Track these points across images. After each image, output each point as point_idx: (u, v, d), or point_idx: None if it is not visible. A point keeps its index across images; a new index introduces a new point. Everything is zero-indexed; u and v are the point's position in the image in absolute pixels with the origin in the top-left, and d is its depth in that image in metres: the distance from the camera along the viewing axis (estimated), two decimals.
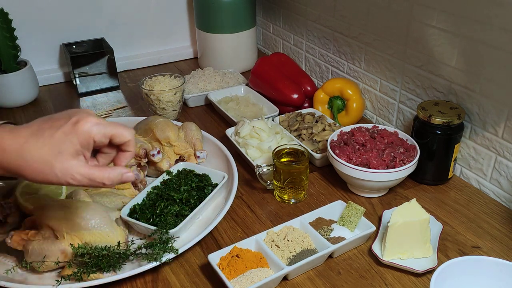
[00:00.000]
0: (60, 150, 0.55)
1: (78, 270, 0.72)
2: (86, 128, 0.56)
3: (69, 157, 0.56)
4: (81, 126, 0.56)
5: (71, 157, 0.56)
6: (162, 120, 1.03)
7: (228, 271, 0.73)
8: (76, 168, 0.56)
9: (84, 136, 0.56)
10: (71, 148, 0.56)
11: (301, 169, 0.89)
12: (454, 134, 0.91)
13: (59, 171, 0.55)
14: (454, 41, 0.91)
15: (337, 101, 1.16)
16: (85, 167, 0.56)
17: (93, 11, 1.46)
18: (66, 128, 0.56)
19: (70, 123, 0.56)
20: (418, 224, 0.75)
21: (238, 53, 1.47)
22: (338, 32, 1.23)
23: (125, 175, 0.59)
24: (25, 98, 1.32)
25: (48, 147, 0.55)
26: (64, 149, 0.55)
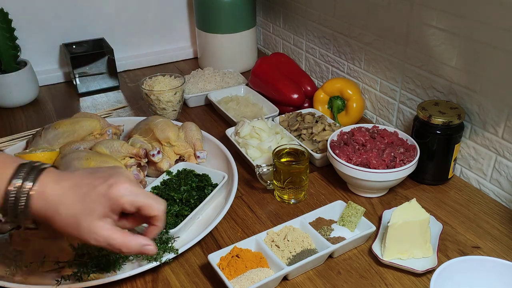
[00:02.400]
0: (90, 211, 0.57)
1: (78, 270, 0.72)
2: (117, 194, 0.58)
3: (96, 218, 0.57)
4: (114, 191, 0.58)
5: (98, 219, 0.58)
6: (162, 120, 1.03)
7: (228, 271, 0.73)
8: (100, 230, 0.58)
9: (114, 201, 0.58)
10: (101, 210, 0.58)
11: (301, 169, 0.89)
12: (454, 134, 0.91)
13: (85, 231, 0.57)
14: (454, 41, 0.91)
15: (337, 101, 1.16)
16: (108, 231, 0.58)
17: (93, 11, 1.46)
18: (101, 189, 0.58)
19: (106, 184, 0.58)
20: (418, 224, 0.75)
21: (238, 53, 1.47)
22: (338, 32, 1.23)
23: (145, 247, 0.60)
24: (25, 98, 1.32)
25: (81, 205, 0.57)
26: (94, 210, 0.57)
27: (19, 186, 0.56)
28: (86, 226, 0.57)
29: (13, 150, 1.04)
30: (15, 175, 0.56)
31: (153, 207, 0.60)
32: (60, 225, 0.57)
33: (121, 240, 0.58)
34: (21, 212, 0.56)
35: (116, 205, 0.58)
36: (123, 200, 0.58)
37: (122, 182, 0.59)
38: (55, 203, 0.57)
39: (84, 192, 0.57)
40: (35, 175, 0.57)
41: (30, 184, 0.56)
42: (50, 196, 0.57)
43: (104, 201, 0.57)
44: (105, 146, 0.94)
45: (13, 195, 0.56)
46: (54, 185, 0.57)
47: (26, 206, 0.56)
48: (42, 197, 0.57)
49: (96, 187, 0.58)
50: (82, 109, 1.33)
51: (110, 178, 0.59)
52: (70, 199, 0.57)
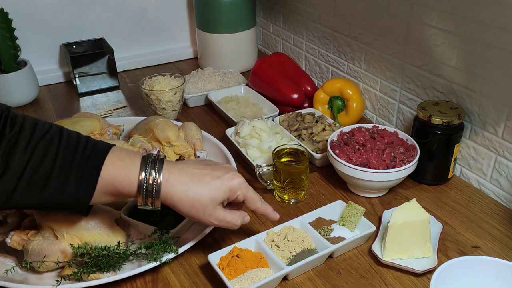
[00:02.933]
0: (215, 195, 0.69)
1: (78, 270, 0.72)
2: (235, 186, 0.71)
3: (217, 202, 0.70)
4: (234, 183, 0.71)
5: (218, 203, 0.70)
6: (162, 120, 1.03)
7: (228, 271, 0.73)
8: (220, 212, 0.70)
9: (233, 191, 0.71)
10: (222, 196, 0.70)
11: (301, 169, 0.89)
12: (454, 134, 0.91)
13: (208, 212, 0.69)
14: (454, 41, 0.91)
15: (337, 101, 1.16)
16: (225, 212, 0.71)
17: (93, 11, 1.46)
18: (224, 180, 0.70)
19: (228, 177, 0.70)
20: (418, 224, 0.75)
21: (238, 53, 1.47)
22: (338, 32, 1.23)
23: (246, 217, 0.75)
24: (25, 98, 1.32)
25: (207, 190, 0.69)
26: (217, 196, 0.69)
27: (149, 178, 0.66)
28: (210, 208, 0.69)
29: None
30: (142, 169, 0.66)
31: (256, 203, 0.74)
32: (186, 207, 0.68)
33: (235, 217, 0.72)
34: (153, 200, 0.67)
35: (233, 195, 0.71)
36: (239, 192, 0.71)
37: (238, 176, 0.72)
38: (183, 189, 0.67)
39: (208, 181, 0.69)
40: (158, 165, 0.67)
41: (157, 175, 0.66)
42: (178, 183, 0.67)
43: (226, 190, 0.70)
44: None
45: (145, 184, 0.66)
46: (180, 174, 0.68)
47: (157, 193, 0.66)
48: (170, 185, 0.67)
49: (218, 177, 0.70)
50: (82, 109, 1.33)
51: (229, 172, 0.71)
52: (197, 185, 0.68)
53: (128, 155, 0.68)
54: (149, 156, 0.68)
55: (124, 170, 0.66)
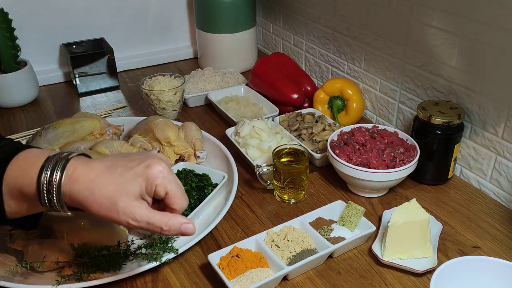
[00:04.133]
0: (127, 190, 0.56)
1: (78, 270, 0.72)
2: (153, 175, 0.57)
3: (133, 198, 0.57)
4: (150, 171, 0.57)
5: (135, 199, 0.57)
6: (162, 120, 1.03)
7: (228, 271, 0.73)
8: (138, 209, 0.57)
9: (150, 182, 0.57)
10: (137, 190, 0.57)
11: (301, 169, 0.89)
12: (454, 134, 0.91)
13: (122, 210, 0.56)
14: (454, 41, 0.91)
15: (337, 101, 1.16)
16: (146, 210, 0.57)
17: (93, 11, 1.46)
18: (138, 169, 0.57)
19: (143, 165, 0.58)
20: (418, 224, 0.75)
21: (238, 53, 1.47)
22: (338, 32, 1.23)
23: (184, 226, 0.59)
24: (25, 98, 1.32)
25: (116, 185, 0.56)
26: (130, 190, 0.57)
27: (48, 177, 0.56)
28: (123, 206, 0.56)
29: None
30: (44, 167, 0.56)
31: (178, 200, 0.59)
32: (94, 207, 0.56)
33: (161, 218, 0.57)
34: (55, 202, 0.57)
35: (151, 186, 0.58)
36: (157, 182, 0.58)
37: (158, 163, 0.58)
38: (89, 185, 0.56)
39: (119, 173, 0.57)
40: (63, 164, 0.57)
41: (58, 174, 0.56)
42: (83, 179, 0.56)
43: (141, 181, 0.57)
44: (105, 146, 0.94)
45: (45, 187, 0.56)
46: (86, 169, 0.57)
47: (59, 195, 0.56)
48: (74, 181, 0.56)
49: (132, 168, 0.57)
50: (82, 109, 1.33)
51: (147, 160, 0.58)
52: (105, 180, 0.56)
53: (35, 155, 0.59)
54: (58, 154, 0.58)
55: (25, 170, 0.57)
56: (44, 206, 0.57)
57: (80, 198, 0.56)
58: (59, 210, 0.57)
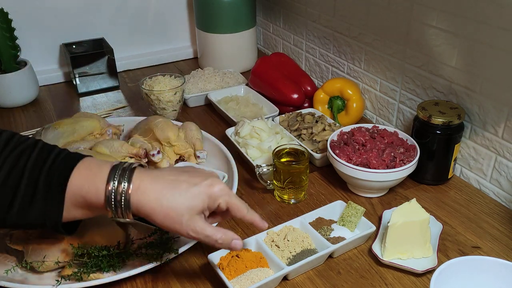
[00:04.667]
0: (192, 204, 0.62)
1: (78, 270, 0.72)
2: (216, 193, 0.64)
3: (196, 212, 0.63)
4: (214, 190, 0.64)
5: (197, 213, 0.63)
6: (162, 120, 1.03)
7: (228, 271, 0.73)
8: (198, 223, 0.63)
9: (213, 199, 0.64)
10: (201, 205, 0.63)
11: (301, 169, 0.89)
12: (454, 134, 0.91)
13: (185, 222, 0.62)
14: (454, 41, 0.91)
15: (337, 101, 1.16)
16: (205, 224, 0.63)
17: (93, 11, 1.46)
18: (202, 187, 0.63)
19: (206, 184, 0.64)
20: (418, 224, 0.75)
21: (238, 53, 1.47)
22: (338, 32, 1.23)
23: (234, 242, 0.66)
24: (25, 98, 1.32)
25: (183, 199, 0.62)
26: (195, 205, 0.62)
27: (116, 187, 0.60)
28: (187, 218, 0.62)
29: None
30: (111, 178, 0.61)
31: (242, 210, 0.66)
32: (159, 217, 0.61)
33: (216, 232, 0.64)
34: (122, 210, 0.61)
35: (214, 203, 0.64)
36: (221, 199, 0.64)
37: (218, 183, 0.65)
38: (156, 196, 0.61)
39: (185, 188, 0.62)
40: (128, 174, 0.61)
41: (125, 184, 0.60)
42: (150, 191, 0.61)
43: (205, 198, 0.63)
44: (105, 146, 0.94)
45: (112, 197, 0.60)
46: (152, 181, 0.62)
47: (127, 204, 0.61)
48: (142, 192, 0.61)
49: (196, 184, 0.63)
50: (82, 109, 1.33)
51: (207, 179, 0.64)
52: (171, 193, 0.61)
53: (97, 164, 0.63)
54: (121, 164, 0.63)
55: (91, 179, 0.61)
56: (110, 214, 0.62)
57: (147, 208, 0.61)
58: (124, 217, 0.62)
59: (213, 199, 0.64)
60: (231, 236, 0.65)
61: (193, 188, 0.63)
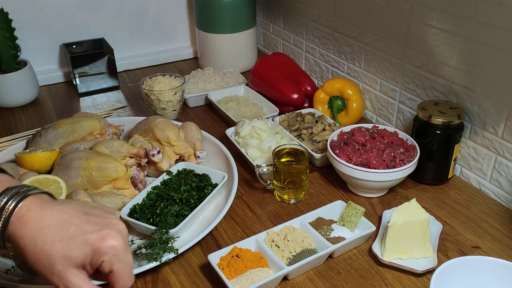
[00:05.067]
0: (70, 255, 0.52)
1: None
2: (104, 249, 0.53)
3: (73, 265, 0.52)
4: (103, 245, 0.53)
5: (75, 266, 0.52)
6: (162, 120, 1.03)
7: (228, 271, 0.73)
8: (73, 279, 0.52)
9: (98, 255, 0.53)
10: (81, 258, 0.52)
11: (301, 169, 0.89)
12: (454, 134, 0.91)
13: (57, 273, 0.52)
14: (454, 41, 0.91)
15: (337, 101, 1.16)
16: (82, 281, 0.53)
17: (93, 11, 1.46)
18: (90, 237, 0.53)
19: (97, 235, 0.53)
20: (418, 224, 0.75)
21: (238, 53, 1.47)
22: (338, 32, 1.23)
23: None
24: (25, 98, 1.32)
25: (62, 246, 0.52)
26: (73, 256, 0.52)
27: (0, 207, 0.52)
28: (59, 270, 0.52)
29: (13, 150, 1.04)
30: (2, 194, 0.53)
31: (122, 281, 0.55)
32: (31, 259, 0.52)
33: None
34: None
35: (97, 260, 0.53)
36: (105, 258, 0.53)
37: (114, 238, 0.53)
38: (35, 235, 0.52)
39: (70, 234, 0.52)
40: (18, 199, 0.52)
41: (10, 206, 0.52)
42: (31, 225, 0.52)
43: (87, 251, 0.52)
44: (105, 146, 0.94)
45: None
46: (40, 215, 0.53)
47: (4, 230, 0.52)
48: (21, 224, 0.52)
49: (86, 233, 0.53)
50: (82, 109, 1.33)
51: (104, 229, 0.54)
52: (51, 236, 0.52)
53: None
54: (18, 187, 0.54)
55: None
56: None
57: (21, 243, 0.52)
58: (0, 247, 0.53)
59: (98, 254, 0.52)
60: None
61: (80, 236, 0.52)
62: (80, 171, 0.88)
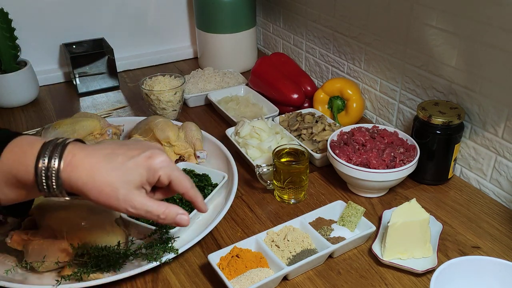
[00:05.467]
0: (128, 179, 0.58)
1: (78, 270, 0.72)
2: (156, 165, 0.59)
3: (133, 186, 0.58)
4: (153, 162, 0.59)
5: (135, 188, 0.58)
6: (162, 120, 1.03)
7: (228, 271, 0.73)
8: (138, 197, 0.58)
9: (152, 172, 0.59)
10: (138, 179, 0.58)
11: (301, 169, 0.89)
12: (454, 134, 0.91)
13: (122, 197, 0.57)
14: (454, 41, 0.91)
15: (337, 101, 1.16)
16: (145, 198, 0.59)
17: (93, 11, 1.46)
18: (139, 159, 0.59)
19: (144, 156, 0.59)
20: (418, 224, 0.75)
21: (238, 53, 1.47)
22: (338, 32, 1.23)
23: (179, 216, 0.61)
24: (25, 98, 1.32)
25: (118, 173, 0.57)
26: (132, 179, 0.58)
27: (46, 164, 0.56)
28: (124, 193, 0.57)
29: None
30: (41, 154, 0.56)
31: (184, 183, 0.62)
32: (94, 193, 0.57)
33: (158, 207, 0.59)
34: (54, 188, 0.57)
35: (154, 176, 0.59)
36: (161, 172, 0.59)
37: (159, 154, 0.60)
38: (89, 172, 0.56)
39: (121, 161, 0.58)
40: (60, 150, 0.57)
41: (56, 160, 0.56)
42: (82, 166, 0.57)
43: (142, 171, 0.58)
44: None
45: (43, 174, 0.56)
46: (85, 155, 0.57)
47: (57, 181, 0.56)
48: (73, 168, 0.56)
49: (133, 157, 0.58)
50: (82, 109, 1.33)
51: (146, 150, 0.60)
52: (105, 167, 0.57)
53: (30, 141, 0.59)
54: (53, 140, 0.58)
55: (21, 157, 0.57)
56: (42, 192, 0.57)
57: (79, 184, 0.56)
58: (58, 196, 0.58)
59: (152, 171, 0.59)
60: (175, 211, 0.61)
61: (129, 161, 0.58)
62: None
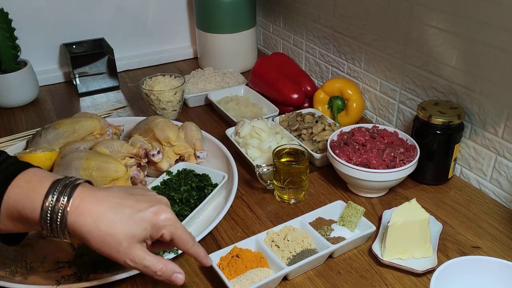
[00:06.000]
0: (133, 233, 0.58)
1: (78, 270, 0.72)
2: (161, 223, 0.59)
3: (136, 240, 0.58)
4: (158, 219, 0.59)
5: (137, 241, 0.59)
6: (162, 120, 1.03)
7: (228, 271, 0.73)
8: (138, 252, 0.59)
9: (156, 229, 0.60)
10: (143, 234, 0.59)
11: (301, 169, 0.89)
12: (454, 134, 0.91)
13: (123, 250, 0.58)
14: (454, 41, 0.91)
15: (337, 101, 1.16)
16: (145, 253, 0.59)
17: (93, 11, 1.46)
18: (146, 214, 0.59)
19: (151, 211, 0.59)
20: (418, 224, 0.75)
21: (238, 53, 1.47)
22: (338, 32, 1.23)
23: (175, 275, 0.61)
24: (25, 98, 1.32)
25: (124, 225, 0.57)
26: (136, 234, 0.58)
27: (53, 205, 0.56)
28: (125, 246, 0.57)
29: (13, 150, 1.04)
30: (49, 193, 0.56)
31: (186, 244, 0.62)
32: (97, 242, 0.57)
33: (157, 263, 0.60)
34: (58, 230, 0.57)
35: (157, 233, 0.60)
36: (164, 230, 0.60)
37: (166, 212, 0.60)
38: (96, 220, 0.57)
39: (128, 214, 0.58)
40: (69, 192, 0.57)
41: (64, 203, 0.56)
42: (89, 213, 0.57)
43: (147, 227, 0.59)
44: (105, 146, 0.94)
45: (49, 214, 0.56)
46: (94, 202, 0.57)
47: (63, 221, 0.56)
48: (80, 213, 0.56)
49: (140, 211, 0.59)
50: (82, 109, 1.33)
51: (155, 205, 0.60)
52: (112, 219, 0.57)
53: (39, 177, 0.58)
54: (64, 179, 0.58)
55: (28, 193, 0.57)
56: (43, 231, 0.57)
57: (84, 230, 0.57)
58: (60, 238, 0.58)
59: (156, 228, 0.60)
60: (172, 269, 0.61)
61: (136, 215, 0.58)
62: (80, 171, 0.88)
